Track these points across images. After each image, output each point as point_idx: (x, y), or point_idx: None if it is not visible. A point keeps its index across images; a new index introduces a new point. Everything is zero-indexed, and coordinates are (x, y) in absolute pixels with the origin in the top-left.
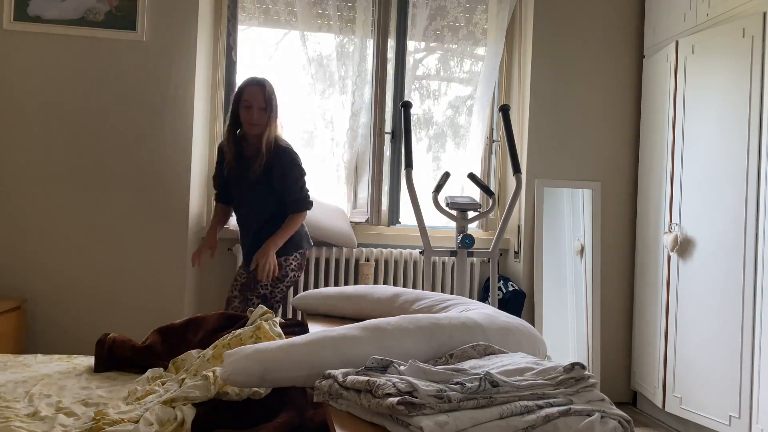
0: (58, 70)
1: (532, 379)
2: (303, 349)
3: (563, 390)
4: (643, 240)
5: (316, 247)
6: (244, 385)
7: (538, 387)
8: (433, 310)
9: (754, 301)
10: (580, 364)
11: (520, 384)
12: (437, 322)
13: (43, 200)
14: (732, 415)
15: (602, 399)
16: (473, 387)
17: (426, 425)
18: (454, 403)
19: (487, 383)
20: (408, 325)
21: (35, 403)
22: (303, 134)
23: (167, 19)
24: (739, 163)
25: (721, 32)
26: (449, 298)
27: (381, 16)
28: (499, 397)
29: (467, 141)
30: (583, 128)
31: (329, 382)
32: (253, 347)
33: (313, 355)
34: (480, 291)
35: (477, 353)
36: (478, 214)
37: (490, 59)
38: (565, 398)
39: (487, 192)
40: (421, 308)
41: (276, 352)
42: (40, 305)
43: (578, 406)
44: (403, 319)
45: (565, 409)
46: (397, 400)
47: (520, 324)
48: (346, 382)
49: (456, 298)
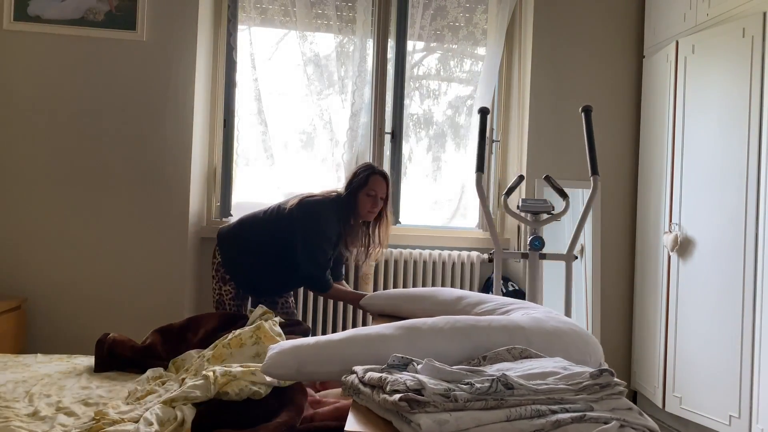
0: (58, 70)
1: (554, 383)
2: (337, 346)
3: (585, 396)
4: (643, 240)
5: None
6: (281, 378)
7: (557, 392)
8: (495, 313)
9: (754, 301)
10: (609, 371)
11: (537, 388)
12: (475, 324)
13: (43, 200)
14: (732, 415)
15: (629, 408)
16: (483, 388)
17: (425, 423)
18: (460, 403)
19: (500, 385)
20: (443, 326)
21: (35, 403)
22: (302, 135)
23: (167, 19)
24: (739, 163)
25: (721, 32)
26: (513, 302)
27: (381, 16)
28: (511, 400)
29: (467, 141)
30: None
31: (353, 377)
32: (291, 343)
33: (346, 352)
34: (480, 291)
35: (512, 356)
36: (551, 216)
37: (490, 59)
38: (584, 404)
39: (562, 194)
40: (483, 311)
41: (312, 347)
42: (40, 305)
43: (596, 413)
44: (440, 320)
45: (579, 416)
46: (399, 397)
47: (573, 329)
48: (365, 378)
49: (521, 302)
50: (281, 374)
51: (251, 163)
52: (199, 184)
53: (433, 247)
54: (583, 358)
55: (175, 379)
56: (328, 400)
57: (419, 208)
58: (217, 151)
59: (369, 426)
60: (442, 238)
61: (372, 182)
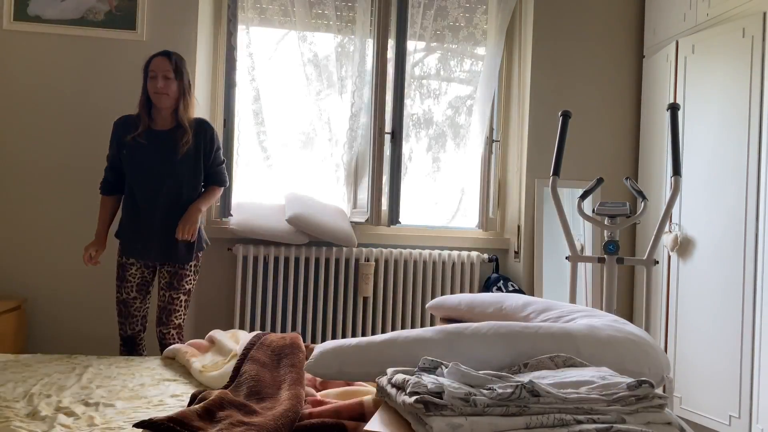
0: (58, 70)
1: (586, 393)
2: (376, 348)
3: (618, 408)
4: (643, 240)
5: (316, 246)
6: (323, 377)
7: (587, 401)
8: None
9: (754, 301)
10: (649, 383)
11: (567, 397)
12: (522, 331)
13: (43, 200)
14: (732, 415)
15: (668, 422)
16: (504, 393)
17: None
18: (479, 408)
19: (525, 392)
20: (486, 331)
21: (35, 403)
22: (302, 135)
23: (167, 19)
24: (739, 163)
25: (721, 32)
26: (582, 309)
27: (381, 16)
28: (534, 407)
29: (467, 141)
30: (583, 128)
31: (384, 379)
32: (334, 343)
33: (384, 354)
34: (480, 291)
35: (554, 364)
36: (627, 219)
37: (490, 59)
38: (615, 416)
39: (642, 196)
40: (547, 319)
41: (353, 349)
42: (40, 305)
43: (627, 425)
44: (485, 325)
45: (605, 427)
46: (415, 399)
47: (630, 339)
48: (393, 380)
49: (589, 310)
50: (324, 374)
51: (251, 163)
52: None
53: (433, 247)
54: (640, 369)
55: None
56: (329, 400)
57: (419, 208)
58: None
59: (390, 427)
60: (442, 238)
61: (150, 65)
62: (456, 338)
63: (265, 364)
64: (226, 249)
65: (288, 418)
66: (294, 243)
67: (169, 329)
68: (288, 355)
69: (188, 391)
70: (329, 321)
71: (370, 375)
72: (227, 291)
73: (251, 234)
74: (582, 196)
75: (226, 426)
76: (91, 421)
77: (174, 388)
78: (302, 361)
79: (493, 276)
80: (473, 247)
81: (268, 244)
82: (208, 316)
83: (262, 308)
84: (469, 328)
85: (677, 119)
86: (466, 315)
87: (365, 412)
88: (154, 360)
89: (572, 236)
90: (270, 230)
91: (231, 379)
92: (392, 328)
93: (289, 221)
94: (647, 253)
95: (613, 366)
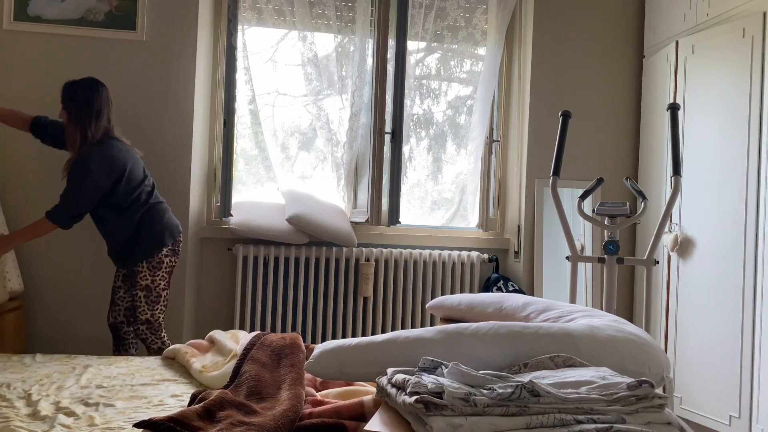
0: (58, 70)
1: (586, 393)
2: (376, 348)
3: (618, 408)
4: (643, 240)
5: (316, 246)
6: (323, 377)
7: (587, 401)
8: (560, 320)
9: (754, 301)
10: (649, 383)
11: (567, 397)
12: (522, 331)
13: (42, 200)
14: (732, 415)
15: (668, 422)
16: (505, 393)
17: (437, 425)
18: (479, 408)
19: (525, 392)
20: (487, 332)
21: (35, 403)
22: (302, 135)
23: (167, 19)
24: (739, 163)
25: (721, 32)
26: (582, 309)
27: (381, 16)
28: (534, 407)
29: (467, 141)
30: (583, 128)
31: (383, 379)
32: (335, 343)
33: (384, 354)
34: (480, 291)
35: (554, 364)
36: (627, 219)
37: (490, 59)
38: (615, 416)
39: (642, 196)
40: (547, 319)
41: (353, 349)
42: (40, 305)
43: (627, 425)
44: (485, 325)
45: (605, 427)
46: (415, 399)
47: (630, 339)
48: (393, 380)
49: (590, 310)
50: (324, 374)
51: (251, 163)
52: (199, 184)
53: (433, 247)
54: (640, 369)
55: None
56: (329, 400)
57: (419, 208)
58: (217, 151)
59: (390, 427)
60: (442, 238)
61: None
62: (456, 338)
63: (265, 364)
64: (226, 249)
65: (288, 418)
66: (294, 243)
67: (138, 325)
68: (288, 355)
69: (188, 391)
70: (329, 321)
71: (370, 375)
72: (227, 291)
73: (251, 234)
74: (582, 196)
75: (226, 426)
76: (91, 421)
77: (174, 388)
78: (302, 361)
79: (493, 276)
80: (473, 247)
81: (268, 244)
82: (208, 316)
83: (262, 308)
84: (469, 328)
85: (677, 119)
86: (466, 315)
87: (365, 412)
88: (154, 360)
89: (572, 236)
90: (270, 230)
91: (231, 379)
92: (392, 328)
93: (289, 221)
94: (647, 253)
95: (613, 366)
